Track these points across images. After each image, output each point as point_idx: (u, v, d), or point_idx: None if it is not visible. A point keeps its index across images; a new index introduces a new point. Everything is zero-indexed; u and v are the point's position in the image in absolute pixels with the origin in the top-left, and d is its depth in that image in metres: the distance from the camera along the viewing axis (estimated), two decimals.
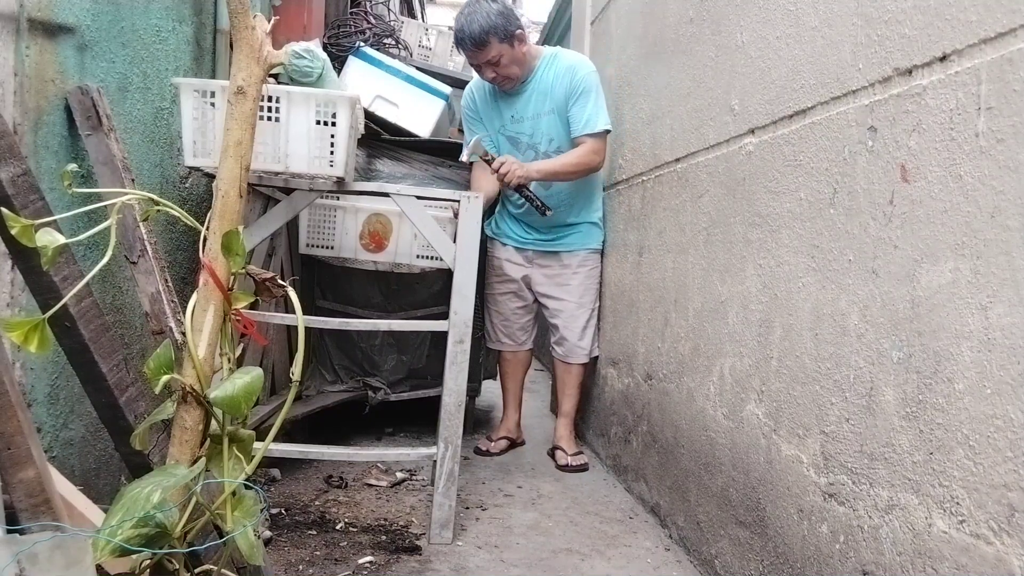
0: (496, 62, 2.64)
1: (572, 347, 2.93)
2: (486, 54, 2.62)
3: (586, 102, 2.69)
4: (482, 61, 2.66)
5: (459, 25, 2.65)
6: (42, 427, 1.52)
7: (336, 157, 1.91)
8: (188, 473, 1.04)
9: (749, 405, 1.68)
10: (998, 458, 0.98)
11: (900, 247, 1.20)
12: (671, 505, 2.16)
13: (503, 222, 3.00)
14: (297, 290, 1.26)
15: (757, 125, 1.72)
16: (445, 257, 2.07)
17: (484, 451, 2.96)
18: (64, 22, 1.56)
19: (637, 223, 2.60)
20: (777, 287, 1.58)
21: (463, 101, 2.95)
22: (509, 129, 2.83)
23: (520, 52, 2.67)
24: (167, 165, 2.06)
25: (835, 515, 1.33)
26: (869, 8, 1.31)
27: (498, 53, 2.62)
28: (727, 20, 1.90)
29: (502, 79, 2.71)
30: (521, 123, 2.80)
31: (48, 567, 0.84)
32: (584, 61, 2.82)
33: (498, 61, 2.64)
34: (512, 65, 2.67)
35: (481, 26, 2.58)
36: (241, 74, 1.28)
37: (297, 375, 1.21)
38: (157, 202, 1.19)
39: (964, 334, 1.05)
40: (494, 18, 2.59)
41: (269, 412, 2.33)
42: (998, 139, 1.01)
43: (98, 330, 1.20)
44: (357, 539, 2.03)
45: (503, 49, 2.62)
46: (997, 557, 0.97)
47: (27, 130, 1.46)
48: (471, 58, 2.71)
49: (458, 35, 2.66)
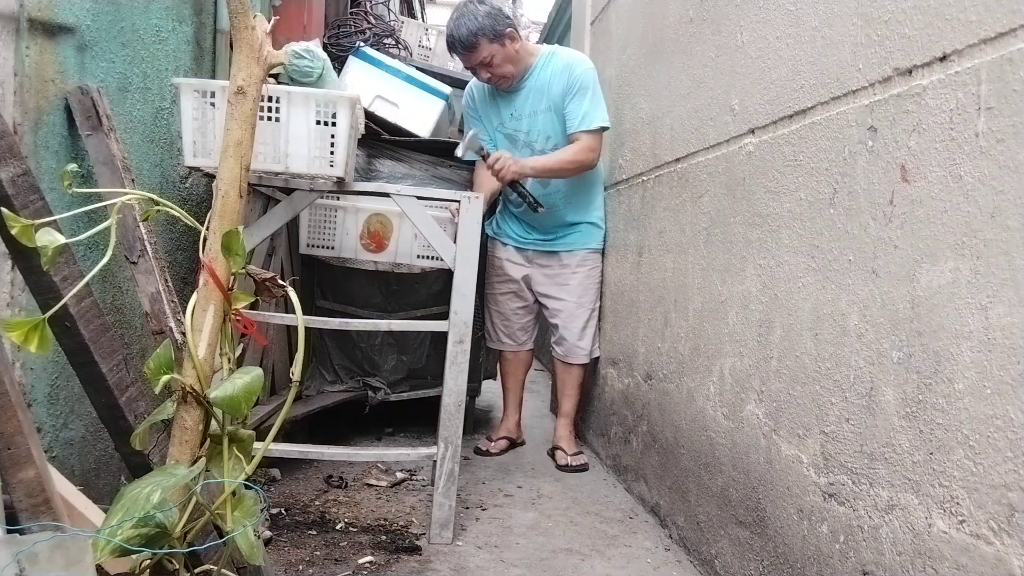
0: (489, 63, 2.66)
1: (571, 347, 2.93)
2: (477, 56, 2.64)
3: (582, 99, 2.70)
4: (475, 63, 2.68)
5: (448, 30, 2.68)
6: (42, 427, 1.52)
7: (336, 157, 1.91)
8: (188, 473, 1.04)
9: (749, 405, 1.68)
10: (998, 458, 0.98)
11: (900, 247, 1.20)
12: (671, 505, 2.16)
13: (504, 222, 3.01)
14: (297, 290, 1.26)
15: (757, 125, 1.72)
16: (445, 257, 2.07)
17: (484, 451, 2.96)
18: (64, 22, 1.56)
19: (637, 223, 2.60)
20: (777, 287, 1.58)
21: (464, 100, 2.96)
22: (507, 126, 2.84)
23: (513, 50, 2.68)
24: (167, 165, 2.06)
25: (835, 515, 1.33)
26: (869, 8, 1.31)
27: (489, 54, 2.64)
28: (727, 20, 1.89)
29: (497, 79, 2.72)
30: (519, 120, 2.81)
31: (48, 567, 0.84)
32: (582, 58, 2.83)
33: (490, 61, 2.66)
34: (505, 64, 2.68)
35: (469, 29, 2.60)
36: (241, 74, 1.28)
37: (297, 375, 1.21)
38: (157, 202, 1.19)
39: (964, 334, 1.05)
40: (481, 19, 2.60)
41: (269, 412, 2.33)
42: (998, 139, 1.01)
43: (98, 330, 1.20)
44: (357, 539, 2.03)
45: (494, 49, 2.64)
46: (997, 557, 0.97)
47: (27, 130, 1.46)
48: (464, 61, 2.74)
49: (448, 40, 2.69)
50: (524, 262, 2.97)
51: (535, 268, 2.96)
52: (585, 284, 2.93)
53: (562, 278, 2.93)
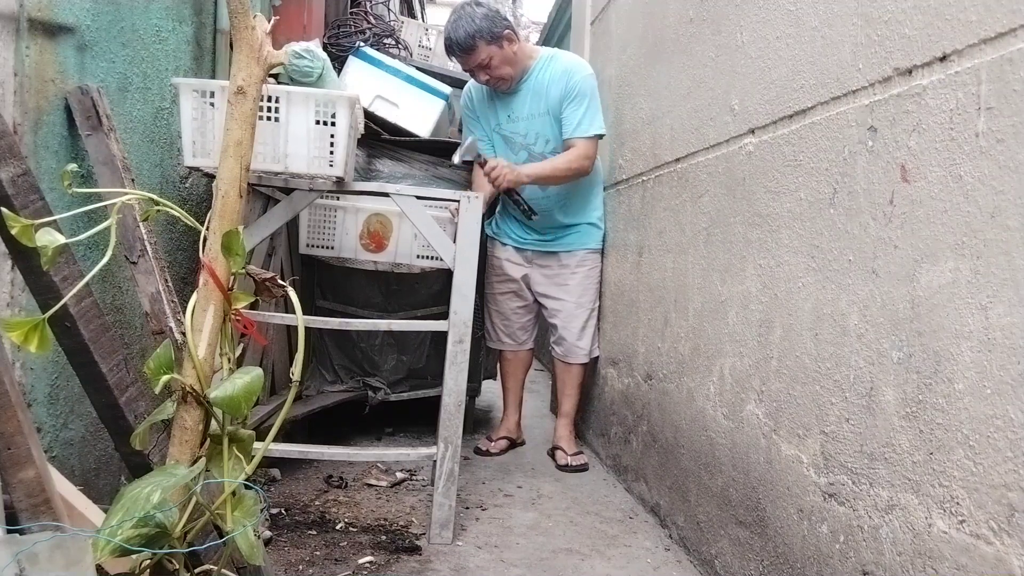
0: (487, 64, 2.67)
1: (571, 347, 2.93)
2: (475, 58, 2.65)
3: (579, 105, 2.71)
4: (472, 65, 2.69)
5: (446, 33, 2.70)
6: (42, 427, 1.52)
7: (336, 157, 1.91)
8: (188, 473, 1.04)
9: (749, 405, 1.68)
10: (998, 458, 0.98)
11: (900, 247, 1.20)
12: (671, 505, 2.16)
13: (503, 222, 3.01)
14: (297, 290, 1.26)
15: (757, 125, 1.72)
16: (445, 257, 2.07)
17: (484, 451, 2.96)
18: (64, 22, 1.56)
19: (637, 223, 2.60)
20: (777, 287, 1.58)
21: (462, 101, 2.97)
22: (505, 129, 2.84)
23: (511, 52, 2.69)
24: (167, 165, 2.06)
25: (835, 515, 1.33)
26: (869, 8, 1.31)
27: (487, 55, 2.65)
28: (727, 20, 1.90)
29: (496, 80, 2.73)
30: (516, 123, 2.81)
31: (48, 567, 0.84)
32: (581, 64, 2.83)
33: (488, 64, 2.67)
34: (504, 66, 2.69)
35: (466, 31, 2.61)
36: (241, 74, 1.28)
37: (297, 375, 1.21)
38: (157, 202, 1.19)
39: (964, 334, 1.05)
40: (479, 22, 2.61)
41: (269, 412, 2.33)
42: (998, 139, 1.01)
43: (98, 330, 1.20)
44: (357, 539, 2.03)
45: (492, 51, 2.65)
46: (997, 557, 0.97)
47: (27, 130, 1.46)
48: (462, 63, 2.75)
49: (446, 43, 2.71)
50: (523, 262, 2.97)
51: (534, 268, 2.96)
52: (584, 284, 2.93)
53: (561, 278, 2.94)
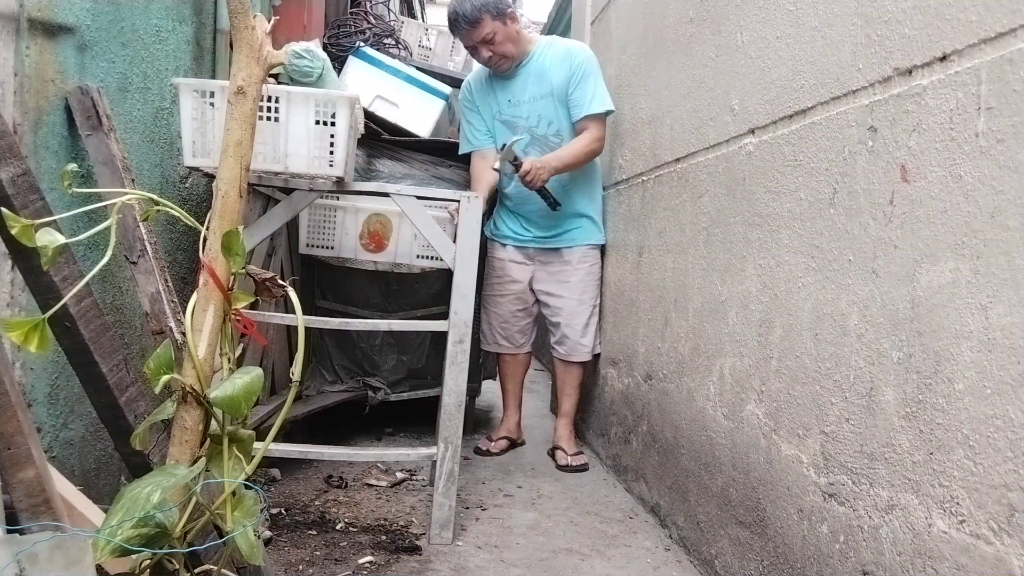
0: (491, 40, 2.70)
1: (574, 345, 2.93)
2: (480, 32, 2.68)
3: (586, 84, 2.75)
4: (476, 40, 2.71)
5: (452, 8, 2.72)
6: (42, 427, 1.52)
7: (336, 157, 1.91)
8: (188, 473, 1.04)
9: (749, 405, 1.68)
10: (998, 458, 0.98)
11: (900, 247, 1.20)
12: (671, 505, 2.16)
13: (501, 222, 3.00)
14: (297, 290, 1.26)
15: (757, 125, 1.72)
16: (445, 257, 2.07)
17: (484, 451, 2.96)
18: (64, 22, 1.56)
19: (637, 223, 2.60)
20: (777, 287, 1.58)
21: (460, 95, 2.97)
22: (506, 113, 2.85)
23: (513, 30, 2.74)
24: (167, 165, 2.06)
25: (835, 515, 1.33)
26: (869, 8, 1.31)
27: (492, 30, 2.68)
28: (727, 20, 1.90)
29: (498, 58, 2.75)
30: (518, 107, 2.83)
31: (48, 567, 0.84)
32: (581, 46, 2.89)
33: (492, 39, 2.70)
34: (507, 43, 2.72)
35: (473, 4, 2.66)
36: (241, 74, 1.28)
37: (297, 375, 1.21)
38: (157, 202, 1.19)
39: (964, 334, 1.05)
40: None
41: (269, 412, 2.33)
42: (998, 139, 1.01)
43: (98, 330, 1.20)
44: (357, 539, 2.03)
45: (496, 26, 2.68)
46: (997, 557, 0.97)
47: (27, 130, 1.46)
48: (465, 39, 2.76)
49: (451, 17, 2.72)
50: (527, 260, 2.96)
51: (537, 266, 2.95)
52: (586, 281, 2.93)
53: (563, 275, 2.93)
